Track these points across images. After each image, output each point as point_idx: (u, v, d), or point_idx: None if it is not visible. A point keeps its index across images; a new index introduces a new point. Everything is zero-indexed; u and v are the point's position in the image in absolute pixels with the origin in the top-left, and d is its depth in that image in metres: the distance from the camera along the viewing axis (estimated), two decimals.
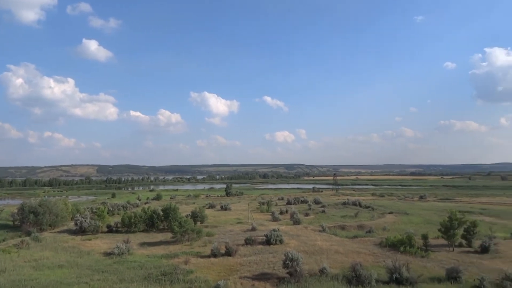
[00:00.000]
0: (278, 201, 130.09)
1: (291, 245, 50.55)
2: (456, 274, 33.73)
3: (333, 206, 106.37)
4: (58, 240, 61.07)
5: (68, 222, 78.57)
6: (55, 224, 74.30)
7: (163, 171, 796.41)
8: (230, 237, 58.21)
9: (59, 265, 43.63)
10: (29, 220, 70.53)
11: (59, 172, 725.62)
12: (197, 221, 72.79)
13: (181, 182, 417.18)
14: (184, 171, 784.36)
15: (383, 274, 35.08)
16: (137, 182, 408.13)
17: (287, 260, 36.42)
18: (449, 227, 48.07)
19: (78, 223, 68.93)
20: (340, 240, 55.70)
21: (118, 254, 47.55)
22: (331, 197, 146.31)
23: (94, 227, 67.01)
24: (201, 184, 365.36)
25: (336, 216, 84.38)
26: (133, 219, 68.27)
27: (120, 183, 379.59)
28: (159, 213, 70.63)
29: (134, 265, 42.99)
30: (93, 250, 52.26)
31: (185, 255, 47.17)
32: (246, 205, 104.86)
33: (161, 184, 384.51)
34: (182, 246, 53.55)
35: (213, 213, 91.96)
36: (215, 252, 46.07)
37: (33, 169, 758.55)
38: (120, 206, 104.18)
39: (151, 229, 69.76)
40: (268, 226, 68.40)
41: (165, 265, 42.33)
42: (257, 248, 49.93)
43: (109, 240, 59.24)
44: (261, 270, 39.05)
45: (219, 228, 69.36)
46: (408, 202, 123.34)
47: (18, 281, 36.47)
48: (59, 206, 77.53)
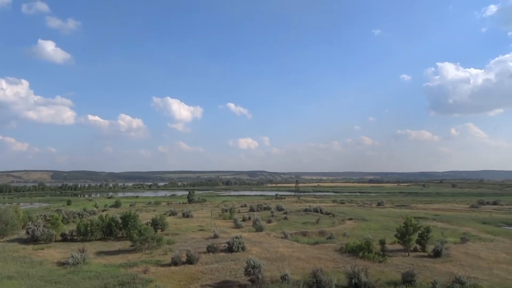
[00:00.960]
0: (241, 208, 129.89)
1: (253, 252, 50.55)
2: (411, 278, 35.17)
3: (295, 213, 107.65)
4: (8, 249, 57.44)
5: (19, 231, 74.21)
6: (4, 233, 69.81)
7: (123, 178, 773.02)
8: (191, 244, 57.36)
9: (8, 276, 40.96)
10: None
11: (10, 178, 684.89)
12: (158, 229, 71.21)
13: (142, 189, 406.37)
14: (145, 178, 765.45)
15: (342, 279, 35.87)
16: (94, 189, 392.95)
17: (249, 268, 36.41)
18: (405, 233, 50.06)
19: (30, 232, 65.31)
20: (302, 246, 56.41)
21: (73, 264, 45.40)
22: (294, 204, 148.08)
23: (48, 236, 63.65)
24: (162, 191, 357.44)
25: (298, 223, 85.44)
26: (89, 227, 65.63)
27: (76, 190, 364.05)
28: (118, 221, 68.42)
29: (90, 275, 41.21)
30: (46, 260, 49.59)
31: (145, 263, 45.89)
32: (208, 212, 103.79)
33: (120, 191, 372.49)
34: (141, 255, 52.09)
35: (175, 221, 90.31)
36: (176, 260, 45.17)
37: None
38: (76, 214, 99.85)
39: (109, 237, 67.33)
40: (231, 233, 68.06)
41: (123, 275, 40.93)
42: (219, 256, 49.51)
43: (64, 249, 56.52)
44: (223, 278, 38.72)
45: (180, 235, 68.12)
46: (367, 208, 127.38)
47: None
48: (9, 213, 72.98)
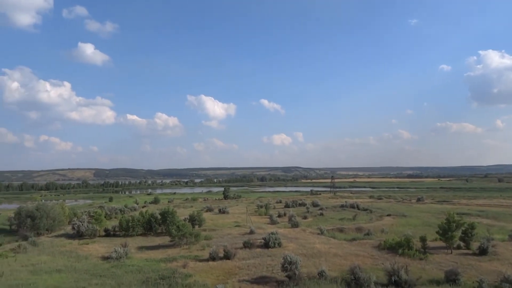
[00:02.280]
0: (276, 204, 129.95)
1: (289, 248, 50.47)
2: (455, 277, 33.78)
3: (331, 209, 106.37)
4: (56, 244, 60.81)
5: (66, 226, 78.23)
6: (52, 228, 73.94)
7: (161, 175, 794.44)
8: (228, 240, 58.10)
9: (57, 270, 43.40)
10: (26, 225, 70.26)
11: (56, 176, 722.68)
12: (195, 224, 72.63)
13: (179, 185, 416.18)
14: (182, 175, 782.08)
15: (381, 276, 35.07)
16: (134, 186, 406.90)
17: (286, 263, 36.38)
18: (447, 229, 48.16)
19: (75, 227, 68.68)
20: (339, 242, 55.68)
21: (116, 258, 47.34)
22: (329, 200, 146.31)
23: (92, 231, 66.73)
24: (198, 187, 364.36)
25: (334, 219, 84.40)
26: (131, 223, 68.07)
27: (117, 187, 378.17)
28: (157, 217, 70.46)
29: (132, 269, 42.82)
30: (90, 255, 52.04)
31: (184, 258, 47.06)
32: (244, 208, 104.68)
33: (158, 187, 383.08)
34: (180, 250, 53.40)
35: (211, 217, 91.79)
36: (214, 256, 45.95)
37: (29, 173, 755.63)
38: (118, 210, 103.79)
39: (149, 233, 69.55)
40: (266, 229, 68.29)
41: (164, 269, 42.19)
42: (256, 251, 49.84)
43: (107, 244, 59.02)
44: (260, 274, 38.96)
45: (217, 231, 69.19)
46: (406, 204, 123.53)
47: (16, 285, 36.27)
48: (56, 210, 77.23)
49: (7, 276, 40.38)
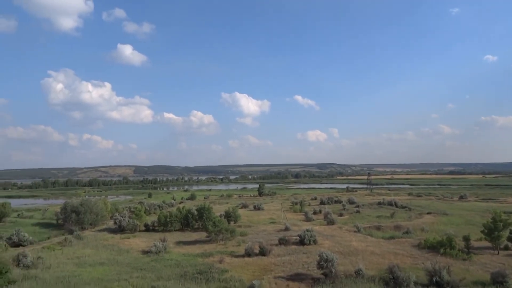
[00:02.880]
0: (311, 201, 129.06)
1: (325, 246, 50.04)
2: (502, 279, 32.07)
3: (368, 206, 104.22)
4: (99, 238, 63.67)
5: (108, 221, 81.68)
6: (95, 223, 77.47)
7: (197, 172, 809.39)
8: (263, 237, 58.43)
9: (100, 263, 45.48)
10: (71, 219, 74.08)
11: (98, 173, 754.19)
12: (231, 221, 73.51)
13: (214, 182, 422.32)
14: (217, 171, 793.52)
15: (422, 276, 33.99)
16: (171, 183, 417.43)
17: (322, 261, 36.10)
18: (493, 229, 45.85)
19: (117, 222, 71.55)
20: (376, 241, 54.52)
21: (156, 253, 48.94)
22: (366, 197, 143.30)
23: (132, 226, 69.31)
24: (233, 184, 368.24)
25: (371, 217, 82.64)
26: (169, 219, 70.02)
27: (155, 183, 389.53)
28: (194, 213, 72.00)
29: (170, 263, 44.11)
30: (131, 248, 54.07)
31: (220, 254, 47.86)
32: (279, 205, 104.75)
33: (194, 184, 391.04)
34: (216, 246, 54.33)
35: (246, 213, 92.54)
36: (249, 252, 46.38)
37: (74, 170, 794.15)
38: (156, 206, 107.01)
39: (186, 228, 71.23)
40: (302, 226, 68.02)
41: (201, 264, 43.13)
42: (291, 248, 49.81)
43: (147, 239, 61.06)
44: (296, 271, 38.92)
45: (252, 228, 69.73)
46: (447, 202, 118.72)
47: (62, 277, 38.34)
48: (99, 205, 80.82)
49: (55, 268, 42.81)
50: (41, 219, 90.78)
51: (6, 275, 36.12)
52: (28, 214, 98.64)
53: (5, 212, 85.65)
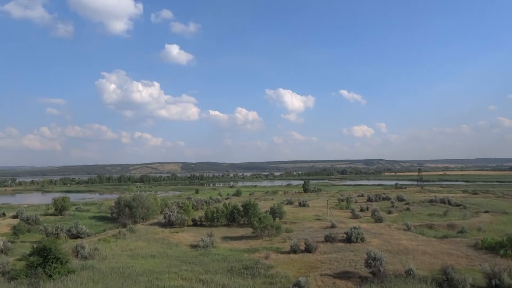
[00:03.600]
0: (357, 198, 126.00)
1: (373, 244, 48.70)
2: None
3: (419, 204, 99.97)
4: (150, 232, 66.47)
5: (158, 216, 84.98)
6: (146, 217, 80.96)
7: (242, 168, 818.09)
8: (309, 233, 58.00)
9: (151, 255, 47.53)
10: (124, 213, 77.95)
11: (149, 169, 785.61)
12: (276, 217, 73.65)
13: (259, 178, 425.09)
14: (262, 168, 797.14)
15: (479, 279, 32.06)
16: (217, 179, 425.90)
17: (370, 259, 35.17)
18: None
19: (166, 217, 74.29)
20: (428, 240, 52.16)
21: (203, 247, 50.25)
22: (416, 194, 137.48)
23: (181, 221, 71.66)
24: (278, 180, 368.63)
25: (422, 215, 79.20)
26: (215, 214, 71.57)
27: (202, 180, 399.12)
28: (240, 209, 73.02)
29: (217, 257, 45.09)
30: (180, 242, 55.93)
31: (265, 250, 48.15)
32: (324, 202, 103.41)
33: (240, 180, 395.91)
34: (262, 241, 54.72)
35: (292, 210, 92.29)
36: (295, 249, 46.26)
37: (126, 167, 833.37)
38: (203, 202, 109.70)
39: (232, 224, 72.42)
40: (348, 223, 66.73)
41: (247, 259, 43.67)
42: (337, 246, 49.02)
43: (194, 233, 62.82)
44: (342, 268, 38.25)
45: (297, 224, 69.45)
46: (507, 200, 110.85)
47: (117, 268, 40.52)
48: (150, 200, 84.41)
49: (110, 259, 45.37)
50: (97, 212, 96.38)
51: (66, 265, 38.80)
52: (85, 208, 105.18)
53: (65, 205, 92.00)
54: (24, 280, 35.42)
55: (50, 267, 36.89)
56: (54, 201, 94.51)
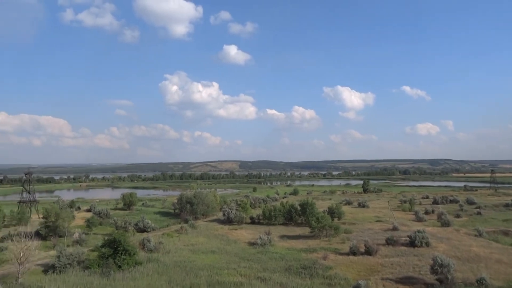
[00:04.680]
0: (422, 199, 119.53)
1: (439, 249, 45.94)
2: None
3: (492, 208, 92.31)
4: (210, 228, 68.68)
5: (217, 213, 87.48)
6: (206, 214, 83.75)
7: (299, 167, 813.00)
8: (369, 235, 56.20)
9: (211, 251, 49.12)
10: (186, 209, 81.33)
11: (208, 167, 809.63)
12: (334, 217, 72.29)
13: (317, 177, 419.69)
14: (319, 167, 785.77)
15: None
16: (275, 177, 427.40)
17: (436, 265, 33.24)
18: None
19: (225, 214, 76.27)
20: (503, 247, 48.02)
21: (261, 245, 50.83)
22: (489, 197, 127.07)
23: (239, 218, 73.12)
24: (336, 180, 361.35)
25: (497, 220, 73.00)
26: (273, 213, 72.02)
27: (259, 178, 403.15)
28: (297, 208, 72.77)
29: (275, 256, 45.36)
30: (239, 239, 57.11)
31: (324, 250, 47.54)
32: (385, 203, 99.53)
33: (297, 179, 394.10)
34: (320, 242, 54.08)
35: (350, 210, 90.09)
36: (354, 250, 45.12)
37: (187, 165, 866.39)
38: (261, 200, 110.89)
39: (290, 222, 72.37)
40: (411, 226, 63.64)
41: (304, 259, 43.45)
42: (400, 250, 46.96)
43: (252, 231, 63.77)
44: (405, 274, 36.56)
45: (357, 225, 67.64)
46: None
47: (180, 262, 42.45)
48: (209, 197, 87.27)
49: (173, 253, 47.66)
50: (161, 208, 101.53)
51: (134, 257, 41.43)
52: (150, 204, 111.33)
53: (132, 201, 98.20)
54: (97, 269, 38.45)
55: (120, 258, 39.65)
56: (123, 196, 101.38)
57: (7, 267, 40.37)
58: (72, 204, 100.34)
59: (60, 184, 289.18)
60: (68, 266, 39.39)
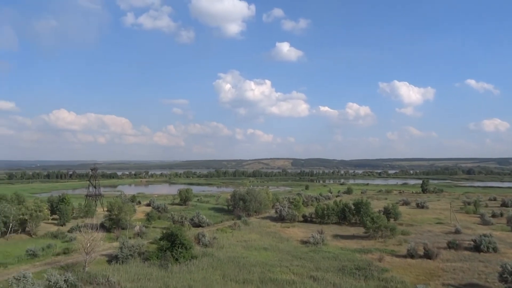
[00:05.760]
0: (488, 201, 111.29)
1: (509, 256, 42.60)
2: None
3: None
4: (262, 225, 69.34)
5: (269, 210, 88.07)
6: (259, 211, 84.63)
7: (353, 165, 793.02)
8: (428, 238, 53.49)
9: (264, 248, 49.58)
10: (239, 206, 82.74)
11: (260, 165, 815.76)
12: (390, 218, 69.70)
13: (371, 176, 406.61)
14: (374, 165, 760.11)
15: None
16: (327, 176, 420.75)
17: (506, 273, 30.82)
18: None
19: (278, 211, 76.56)
20: None
21: (313, 244, 50.41)
22: None
23: (292, 216, 73.04)
24: (392, 179, 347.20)
25: None
26: (325, 211, 71.06)
27: (312, 176, 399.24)
28: (351, 207, 71.18)
29: (328, 255, 44.75)
30: (291, 237, 57.07)
31: (379, 252, 46.08)
32: (446, 204, 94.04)
33: (351, 178, 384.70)
34: (375, 242, 52.48)
35: (408, 211, 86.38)
36: (412, 253, 43.22)
37: (240, 162, 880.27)
38: (313, 198, 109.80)
39: (343, 222, 70.97)
40: (476, 230, 59.67)
41: (359, 260, 42.42)
42: (463, 254, 44.21)
43: (305, 229, 63.41)
44: (469, 280, 34.35)
45: (415, 227, 64.70)
46: None
47: (233, 257, 43.35)
48: (262, 195, 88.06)
49: (227, 248, 48.78)
50: (215, 204, 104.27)
51: (190, 251, 43.00)
52: (205, 200, 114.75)
53: (188, 196, 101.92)
54: (156, 261, 40.47)
55: (177, 252, 41.39)
56: (179, 192, 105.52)
57: (75, 256, 43.70)
58: (133, 199, 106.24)
59: (122, 180, 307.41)
60: (130, 257, 41.84)
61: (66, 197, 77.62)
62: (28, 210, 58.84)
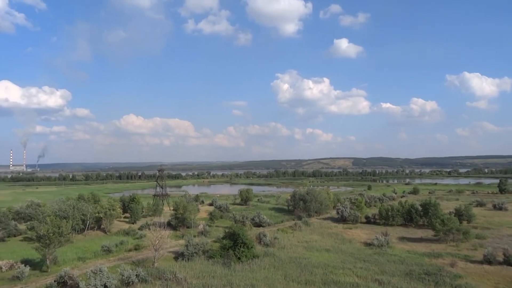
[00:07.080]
0: None
1: None
2: None
3: None
4: (323, 226, 68.27)
5: (331, 211, 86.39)
6: (319, 211, 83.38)
7: (419, 164, 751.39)
8: (508, 243, 49.01)
9: (325, 249, 48.77)
10: (299, 206, 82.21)
11: (320, 165, 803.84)
12: (463, 220, 64.90)
13: (440, 175, 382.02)
14: (443, 164, 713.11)
15: None
16: (391, 175, 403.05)
17: None
18: None
19: (339, 212, 74.86)
20: None
21: (378, 246, 48.59)
22: None
23: (354, 217, 71.01)
24: (464, 178, 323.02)
25: None
26: (390, 212, 68.11)
27: (374, 176, 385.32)
28: (418, 208, 67.56)
29: (394, 258, 42.89)
30: (354, 239, 55.52)
31: (451, 256, 43.24)
32: None
33: (417, 177, 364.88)
34: (446, 246, 49.28)
35: (483, 213, 79.86)
36: (490, 258, 39.90)
37: (299, 162, 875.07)
38: (376, 199, 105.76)
39: (409, 224, 67.58)
40: None
41: (428, 264, 40.13)
42: None
43: (368, 231, 61.34)
44: None
45: (491, 230, 59.66)
46: None
47: (294, 258, 43.21)
48: (322, 195, 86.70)
49: (288, 249, 48.74)
50: (275, 204, 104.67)
51: (251, 250, 43.64)
52: (265, 200, 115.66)
53: (249, 197, 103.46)
54: (219, 259, 41.65)
55: (239, 251, 42.25)
56: (240, 192, 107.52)
57: (145, 252, 46.42)
58: (197, 198, 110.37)
59: (186, 180, 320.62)
60: (195, 254, 43.54)
61: (136, 197, 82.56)
62: (103, 208, 63.77)
